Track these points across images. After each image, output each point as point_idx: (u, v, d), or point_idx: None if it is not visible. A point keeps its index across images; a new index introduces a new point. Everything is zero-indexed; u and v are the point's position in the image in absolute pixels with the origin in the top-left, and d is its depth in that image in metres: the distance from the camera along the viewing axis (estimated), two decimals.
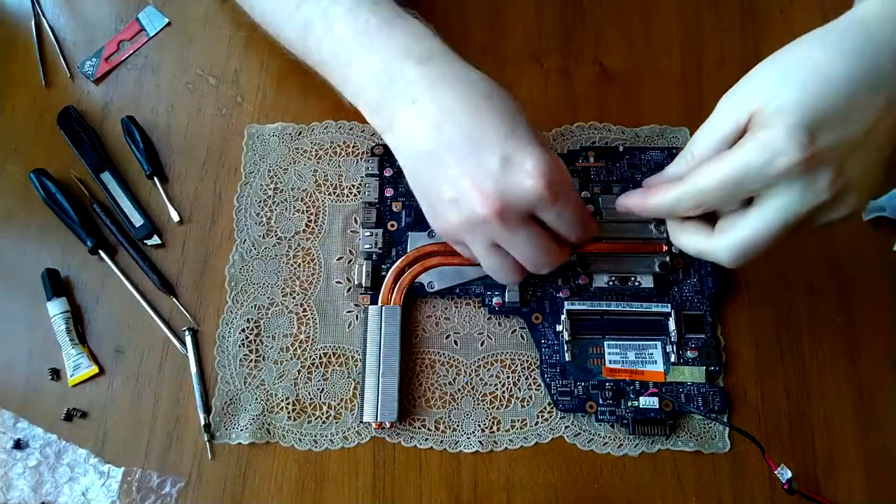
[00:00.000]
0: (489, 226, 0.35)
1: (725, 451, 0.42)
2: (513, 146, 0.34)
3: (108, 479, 0.41)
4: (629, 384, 0.43)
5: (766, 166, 0.30)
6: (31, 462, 0.42)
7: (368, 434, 0.42)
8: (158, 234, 0.47)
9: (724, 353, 0.44)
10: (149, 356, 0.44)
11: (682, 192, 0.34)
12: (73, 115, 0.49)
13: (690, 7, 0.53)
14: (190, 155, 0.49)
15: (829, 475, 0.41)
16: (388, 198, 0.47)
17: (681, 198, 0.34)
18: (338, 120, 0.49)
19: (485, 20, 0.53)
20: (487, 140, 0.34)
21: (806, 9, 0.53)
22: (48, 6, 0.54)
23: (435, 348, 0.44)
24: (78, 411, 0.43)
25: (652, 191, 0.36)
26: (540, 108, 0.50)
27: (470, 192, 0.34)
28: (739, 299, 0.45)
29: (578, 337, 0.43)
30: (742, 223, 0.33)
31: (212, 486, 0.41)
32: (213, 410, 0.43)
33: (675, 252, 0.44)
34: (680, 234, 0.37)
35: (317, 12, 0.39)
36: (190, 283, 0.46)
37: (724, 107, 0.34)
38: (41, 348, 0.44)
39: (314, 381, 0.44)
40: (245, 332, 0.45)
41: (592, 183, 0.47)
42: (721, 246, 0.34)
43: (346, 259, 0.46)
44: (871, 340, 0.44)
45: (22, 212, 0.48)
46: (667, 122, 0.49)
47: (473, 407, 0.43)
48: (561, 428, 0.42)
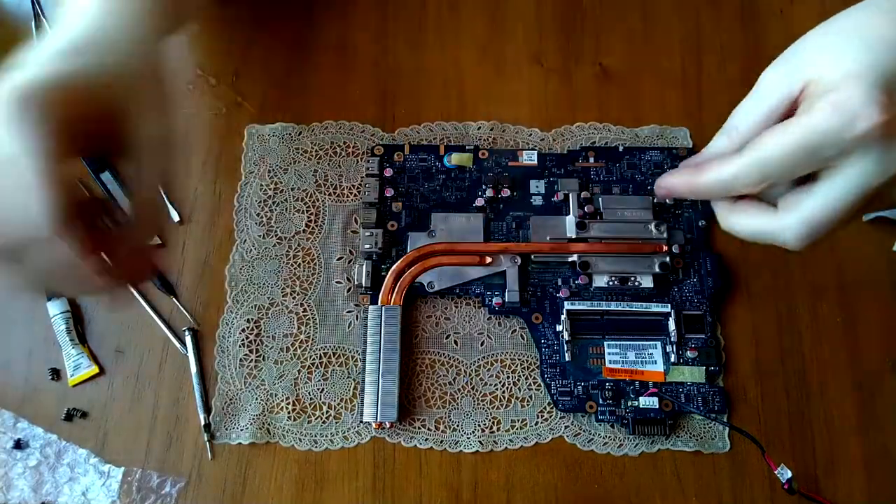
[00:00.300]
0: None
1: (725, 451, 0.42)
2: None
3: (109, 478, 0.41)
4: (629, 384, 0.43)
5: (843, 130, 0.27)
6: (31, 462, 0.42)
7: (368, 434, 0.42)
8: (159, 234, 0.47)
9: (723, 353, 0.44)
10: (149, 356, 0.44)
11: (743, 165, 0.30)
12: None
13: (690, 7, 0.53)
14: (190, 155, 0.49)
15: (829, 475, 0.41)
16: (388, 198, 0.47)
17: (741, 171, 0.30)
18: (338, 120, 0.49)
19: (485, 20, 0.53)
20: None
21: (806, 9, 0.53)
22: (48, 6, 0.54)
23: (435, 348, 0.44)
24: (78, 411, 0.43)
25: (702, 167, 0.32)
26: (540, 108, 0.50)
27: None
28: (739, 299, 0.45)
29: (578, 337, 0.43)
30: (812, 197, 0.29)
31: (212, 486, 0.41)
32: (213, 410, 0.43)
33: (674, 252, 0.45)
34: (734, 216, 0.33)
35: None
36: (190, 283, 0.46)
37: (771, 77, 0.31)
38: (41, 348, 0.44)
39: (314, 381, 0.44)
40: (245, 332, 0.45)
41: (592, 183, 0.47)
42: (789, 223, 0.30)
43: (346, 259, 0.46)
44: (871, 340, 0.44)
45: None
46: (667, 122, 0.49)
47: (473, 407, 0.43)
48: (561, 428, 0.42)
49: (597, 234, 0.45)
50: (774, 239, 0.31)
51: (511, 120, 0.49)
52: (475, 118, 0.49)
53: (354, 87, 0.50)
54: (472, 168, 0.47)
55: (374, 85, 0.51)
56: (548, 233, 0.45)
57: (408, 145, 0.48)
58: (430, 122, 0.49)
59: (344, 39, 0.52)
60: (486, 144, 0.48)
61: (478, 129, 0.49)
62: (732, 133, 0.32)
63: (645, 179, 0.47)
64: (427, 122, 0.49)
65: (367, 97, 0.50)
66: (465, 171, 0.47)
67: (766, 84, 0.31)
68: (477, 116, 0.50)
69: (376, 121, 0.49)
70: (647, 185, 0.47)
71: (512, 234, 0.46)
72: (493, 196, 0.46)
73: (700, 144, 0.48)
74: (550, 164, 0.47)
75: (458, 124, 0.49)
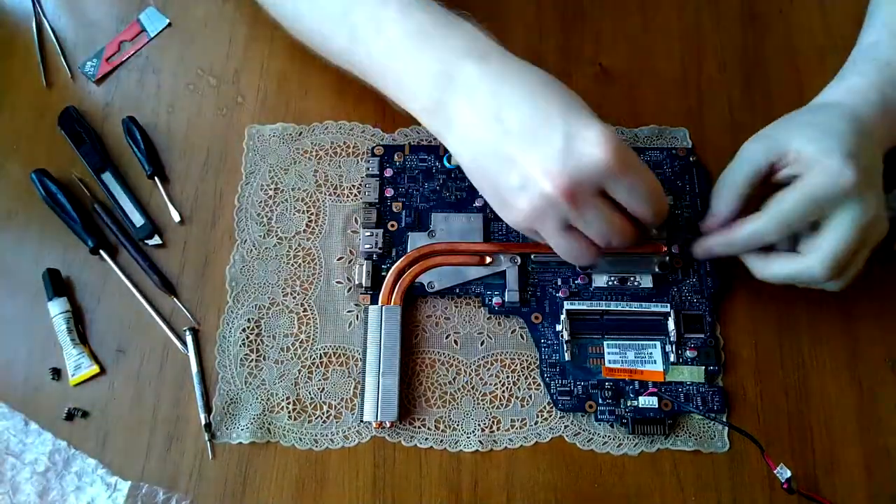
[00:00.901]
0: (559, 206, 0.35)
1: (725, 450, 0.42)
2: (574, 123, 0.34)
3: (115, 491, 0.41)
4: (628, 384, 0.43)
5: (833, 186, 0.36)
6: (39, 467, 0.42)
7: (368, 434, 0.42)
8: (159, 234, 0.47)
9: (723, 352, 0.44)
10: (150, 356, 0.44)
11: (770, 218, 0.38)
12: (74, 115, 0.49)
13: (690, 7, 0.53)
14: (191, 155, 0.49)
15: (829, 475, 0.41)
16: (388, 198, 0.47)
17: (769, 223, 0.38)
18: (338, 120, 0.49)
19: (485, 20, 0.52)
20: (549, 122, 0.35)
21: (806, 9, 0.53)
22: (49, 6, 0.54)
23: (435, 348, 0.44)
24: (79, 411, 0.43)
25: (733, 227, 0.40)
26: None
27: (536, 174, 0.34)
28: (739, 299, 0.45)
29: (578, 337, 0.44)
30: (824, 237, 0.38)
31: (212, 485, 0.41)
32: (214, 410, 0.43)
33: (674, 252, 0.45)
34: (769, 266, 0.40)
35: (365, 15, 0.39)
36: (191, 283, 0.46)
37: (754, 147, 0.40)
38: (41, 348, 0.44)
39: (314, 380, 0.44)
40: (246, 331, 0.45)
41: None
42: (814, 262, 0.38)
43: (346, 259, 0.46)
44: (871, 340, 0.44)
45: (22, 212, 0.48)
46: (666, 122, 0.49)
47: (473, 406, 0.43)
48: (560, 427, 0.42)
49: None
50: (806, 275, 0.39)
51: None
52: None
53: (354, 87, 0.50)
54: None
55: None
56: None
57: (408, 145, 0.48)
58: None
59: None
60: None
61: None
62: (724, 192, 0.41)
63: None
64: None
65: (367, 97, 0.50)
66: None
67: (749, 152, 0.40)
68: None
69: (376, 121, 0.49)
70: None
71: (512, 233, 0.46)
72: None
73: (700, 144, 0.49)
74: None
75: None
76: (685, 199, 0.47)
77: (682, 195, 0.47)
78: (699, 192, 0.47)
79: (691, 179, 0.47)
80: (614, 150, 0.34)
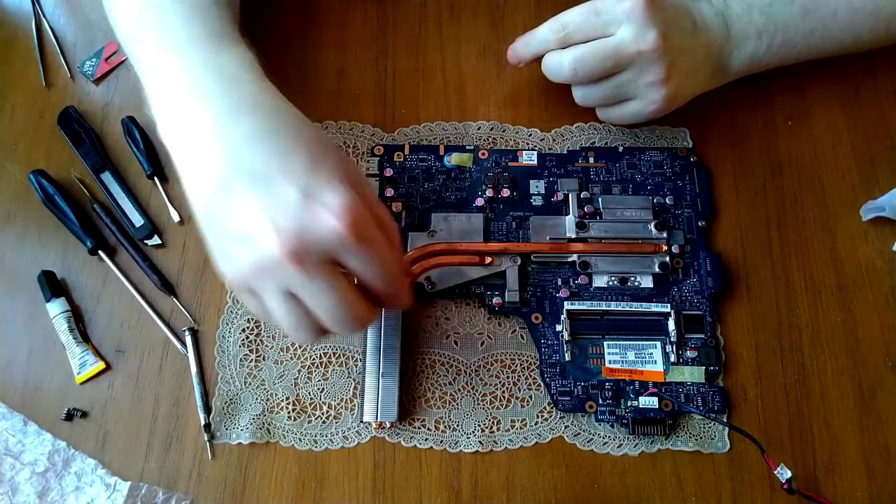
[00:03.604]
0: (282, 269, 0.30)
1: (725, 450, 0.42)
2: (316, 180, 0.31)
3: (115, 492, 0.41)
4: (629, 384, 0.43)
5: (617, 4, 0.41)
6: (38, 468, 0.42)
7: (368, 434, 0.42)
8: (159, 235, 0.47)
9: (723, 352, 0.44)
10: (149, 356, 0.44)
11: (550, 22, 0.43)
12: (73, 115, 0.49)
13: None
14: None
15: (829, 475, 0.41)
16: (388, 198, 0.47)
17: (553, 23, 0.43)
18: (338, 120, 0.49)
19: (485, 20, 0.53)
20: (289, 170, 0.31)
21: None
22: (48, 6, 0.54)
23: (435, 348, 0.44)
24: (78, 411, 0.43)
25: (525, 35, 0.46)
26: (540, 108, 0.50)
27: (262, 227, 0.30)
28: (739, 299, 0.45)
29: (578, 337, 0.43)
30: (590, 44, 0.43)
31: (212, 485, 0.41)
32: (214, 410, 0.43)
33: (674, 252, 0.45)
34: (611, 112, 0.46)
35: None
36: (190, 283, 0.46)
37: None
38: (41, 348, 0.44)
39: (314, 380, 0.44)
40: (245, 331, 0.45)
41: (592, 183, 0.47)
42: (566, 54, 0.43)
43: None
44: (871, 340, 0.44)
45: (21, 212, 0.48)
46: (666, 122, 0.49)
47: (473, 407, 0.43)
48: (561, 428, 0.42)
49: (596, 234, 0.45)
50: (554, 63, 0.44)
51: (511, 120, 0.49)
52: (475, 118, 0.49)
53: (354, 87, 0.50)
54: (472, 168, 0.47)
55: (374, 85, 0.51)
56: (548, 233, 0.45)
57: (408, 145, 0.48)
58: (430, 122, 0.49)
59: (344, 39, 0.52)
60: (486, 144, 0.49)
61: (478, 129, 0.49)
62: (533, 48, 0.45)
63: (645, 180, 0.47)
64: (427, 122, 0.49)
65: (367, 97, 0.50)
66: (464, 171, 0.47)
67: None
68: (477, 116, 0.50)
69: (376, 121, 0.49)
70: (647, 185, 0.47)
71: (512, 234, 0.46)
72: (493, 196, 0.46)
73: (700, 145, 0.49)
74: (550, 164, 0.47)
75: (458, 124, 0.49)
76: (685, 200, 0.47)
77: (682, 195, 0.47)
78: (699, 192, 0.47)
79: (691, 179, 0.47)
80: (353, 218, 0.30)
